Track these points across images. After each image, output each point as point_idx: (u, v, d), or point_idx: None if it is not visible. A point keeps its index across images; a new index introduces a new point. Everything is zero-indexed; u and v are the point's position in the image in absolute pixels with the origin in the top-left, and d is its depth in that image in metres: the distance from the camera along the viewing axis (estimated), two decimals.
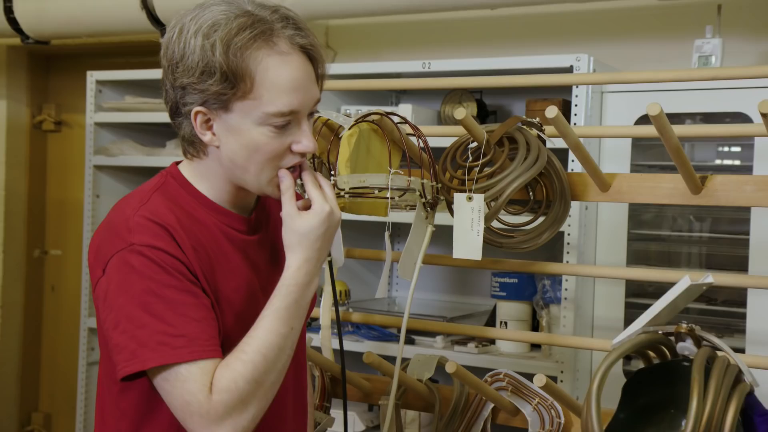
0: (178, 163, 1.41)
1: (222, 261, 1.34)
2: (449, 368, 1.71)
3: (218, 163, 1.34)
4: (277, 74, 1.28)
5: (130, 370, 1.23)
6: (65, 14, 3.51)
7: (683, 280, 1.48)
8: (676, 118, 2.51)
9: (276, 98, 1.28)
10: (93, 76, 3.41)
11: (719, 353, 1.42)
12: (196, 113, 1.30)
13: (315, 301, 1.65)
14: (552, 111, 1.62)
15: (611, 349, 1.43)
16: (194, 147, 1.35)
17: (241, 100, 1.28)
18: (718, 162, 2.79)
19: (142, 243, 1.25)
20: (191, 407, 1.22)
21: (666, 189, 1.80)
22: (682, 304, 1.53)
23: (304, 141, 1.32)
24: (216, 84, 1.26)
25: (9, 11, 3.59)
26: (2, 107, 4.34)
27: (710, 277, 1.51)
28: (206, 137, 1.32)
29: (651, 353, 1.50)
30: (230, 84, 1.26)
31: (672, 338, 1.47)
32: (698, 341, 1.45)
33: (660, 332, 1.46)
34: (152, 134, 3.54)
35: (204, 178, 1.37)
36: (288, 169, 1.34)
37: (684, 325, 1.45)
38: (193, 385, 1.22)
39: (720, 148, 2.76)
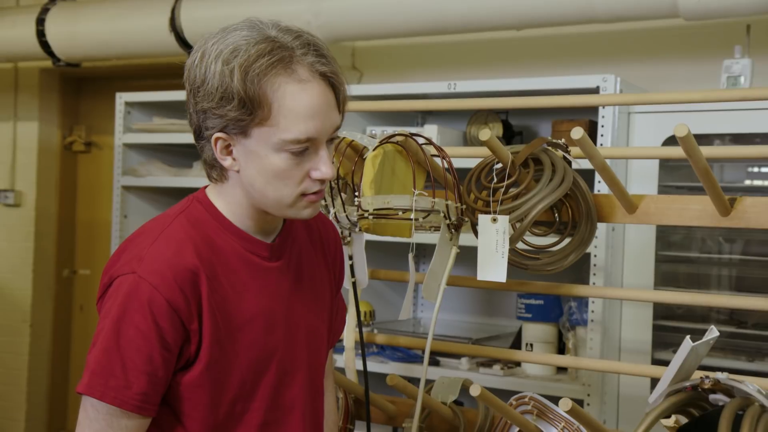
0: (206, 187, 1.44)
1: (237, 290, 1.35)
2: (474, 391, 1.69)
3: (239, 187, 1.36)
4: (295, 101, 1.27)
5: (78, 389, 1.30)
6: (96, 37, 3.57)
7: (685, 343, 1.45)
8: (705, 138, 2.48)
9: (292, 125, 1.27)
10: (122, 98, 3.44)
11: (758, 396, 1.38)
12: (216, 139, 1.31)
13: (344, 323, 1.65)
14: (578, 132, 1.60)
15: (647, 412, 1.42)
16: (216, 171, 1.37)
17: (259, 126, 1.28)
18: (747, 182, 2.75)
19: (143, 275, 1.28)
20: None
21: (694, 211, 1.77)
22: (703, 352, 1.50)
23: (322, 168, 1.32)
24: (234, 110, 1.26)
25: (41, 34, 3.66)
26: (34, 128, 4.41)
27: (714, 331, 1.48)
28: (226, 162, 1.33)
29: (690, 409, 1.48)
30: (248, 110, 1.26)
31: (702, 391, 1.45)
32: (728, 391, 1.42)
33: (687, 387, 1.44)
34: (180, 155, 3.56)
35: (227, 202, 1.38)
36: (309, 194, 1.34)
37: (707, 381, 1.42)
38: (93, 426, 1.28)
39: (750, 169, 2.72)
